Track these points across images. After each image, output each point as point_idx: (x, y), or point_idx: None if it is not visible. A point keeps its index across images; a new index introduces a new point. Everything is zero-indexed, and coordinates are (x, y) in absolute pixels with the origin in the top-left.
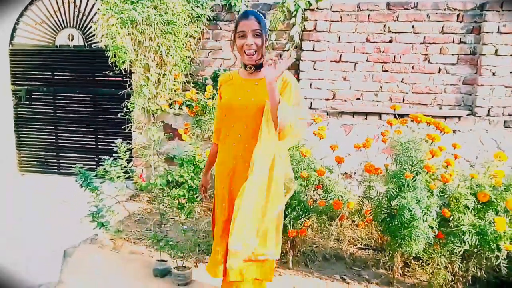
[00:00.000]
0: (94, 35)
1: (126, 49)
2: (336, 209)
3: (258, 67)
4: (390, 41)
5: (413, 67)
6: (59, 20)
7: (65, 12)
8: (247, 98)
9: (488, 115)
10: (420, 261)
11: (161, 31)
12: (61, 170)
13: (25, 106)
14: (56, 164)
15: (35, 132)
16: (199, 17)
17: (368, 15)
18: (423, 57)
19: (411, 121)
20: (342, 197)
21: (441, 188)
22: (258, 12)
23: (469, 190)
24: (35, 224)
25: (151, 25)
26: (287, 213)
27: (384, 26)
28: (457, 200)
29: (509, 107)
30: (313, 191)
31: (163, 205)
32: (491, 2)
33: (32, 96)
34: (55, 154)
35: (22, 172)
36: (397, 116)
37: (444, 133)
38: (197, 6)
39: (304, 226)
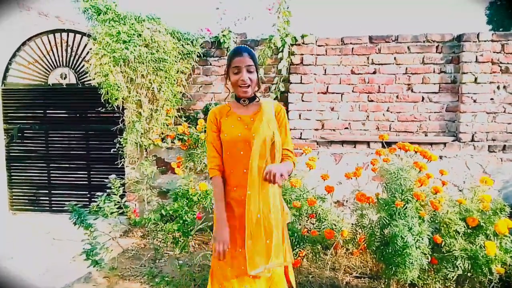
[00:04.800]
0: (86, 73)
1: (118, 87)
2: (328, 238)
3: (251, 99)
4: (374, 72)
5: (397, 97)
6: (52, 60)
7: (58, 52)
8: (248, 133)
9: (472, 140)
10: (416, 287)
11: (153, 68)
12: (53, 208)
13: (17, 144)
14: (48, 201)
15: (27, 170)
16: (189, 54)
17: (352, 49)
18: (406, 86)
19: (399, 149)
20: (335, 225)
21: (431, 214)
22: (250, 49)
23: (458, 215)
24: (28, 263)
25: (143, 63)
26: None
27: (368, 58)
28: (448, 226)
29: (492, 132)
30: (307, 220)
31: (157, 240)
32: (468, 33)
33: (24, 135)
34: (47, 191)
35: (14, 211)
36: (385, 144)
37: (430, 161)
38: (188, 44)
39: (299, 256)
